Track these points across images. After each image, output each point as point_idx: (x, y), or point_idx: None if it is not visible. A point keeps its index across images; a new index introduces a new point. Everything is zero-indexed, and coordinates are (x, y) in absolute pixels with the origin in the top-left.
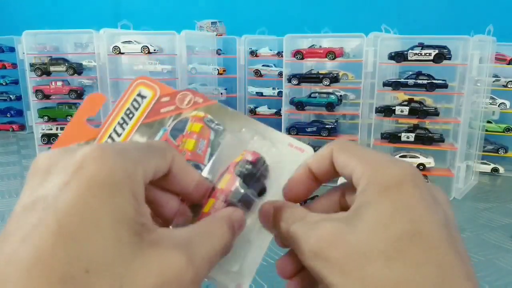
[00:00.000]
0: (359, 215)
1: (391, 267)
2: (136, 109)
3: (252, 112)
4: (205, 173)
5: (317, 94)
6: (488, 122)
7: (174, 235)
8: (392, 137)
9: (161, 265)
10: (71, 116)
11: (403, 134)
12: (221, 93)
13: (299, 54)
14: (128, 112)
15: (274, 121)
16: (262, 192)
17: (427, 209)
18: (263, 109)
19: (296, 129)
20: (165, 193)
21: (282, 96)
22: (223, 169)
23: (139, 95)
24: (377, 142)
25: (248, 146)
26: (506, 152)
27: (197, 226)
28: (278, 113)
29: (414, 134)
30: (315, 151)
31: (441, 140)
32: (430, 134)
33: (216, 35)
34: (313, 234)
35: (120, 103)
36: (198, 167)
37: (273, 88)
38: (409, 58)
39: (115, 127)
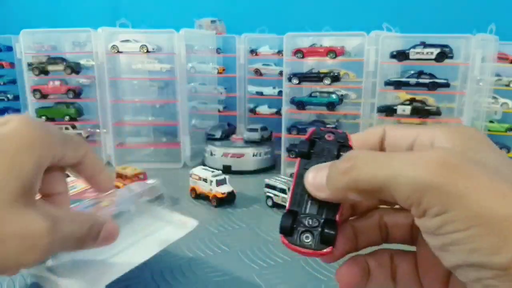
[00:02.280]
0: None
1: None
2: None
3: (252, 111)
4: None
5: (317, 93)
6: (490, 122)
7: (49, 209)
8: None
9: (28, 222)
10: (69, 115)
11: None
12: (221, 93)
13: (299, 53)
14: None
15: (274, 121)
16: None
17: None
18: (263, 109)
19: (296, 129)
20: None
21: (282, 96)
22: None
23: None
24: None
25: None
26: (508, 152)
27: (71, 212)
28: (278, 112)
29: None
30: None
31: None
32: None
33: (216, 33)
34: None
35: None
36: None
37: (273, 87)
38: (410, 57)
39: None
